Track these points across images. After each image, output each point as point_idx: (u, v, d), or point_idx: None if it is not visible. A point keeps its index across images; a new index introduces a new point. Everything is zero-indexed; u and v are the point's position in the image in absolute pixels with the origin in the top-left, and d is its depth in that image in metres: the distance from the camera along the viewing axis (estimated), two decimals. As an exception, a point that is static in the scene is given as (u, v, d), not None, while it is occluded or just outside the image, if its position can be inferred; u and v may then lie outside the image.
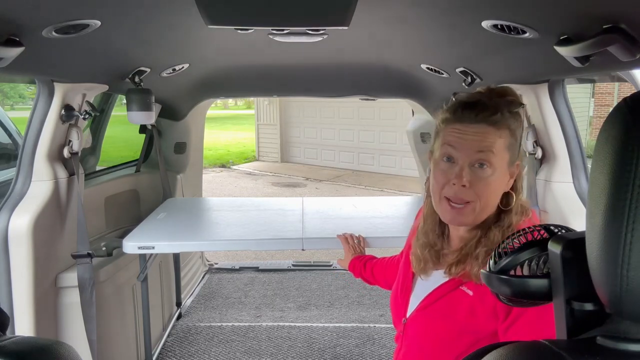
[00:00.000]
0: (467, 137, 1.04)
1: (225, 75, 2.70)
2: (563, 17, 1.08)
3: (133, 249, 2.17)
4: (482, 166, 1.04)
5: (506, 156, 1.06)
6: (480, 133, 1.04)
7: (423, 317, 1.17)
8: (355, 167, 11.80)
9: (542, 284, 0.61)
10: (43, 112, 1.95)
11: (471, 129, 1.04)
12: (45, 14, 1.16)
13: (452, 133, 1.06)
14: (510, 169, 1.08)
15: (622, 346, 0.51)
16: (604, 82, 10.12)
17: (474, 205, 1.05)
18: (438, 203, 1.10)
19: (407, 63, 2.30)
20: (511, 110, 1.06)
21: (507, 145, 1.05)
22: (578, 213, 1.93)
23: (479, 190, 1.04)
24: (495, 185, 1.06)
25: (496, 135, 1.04)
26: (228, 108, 38.14)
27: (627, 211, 0.46)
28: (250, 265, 4.49)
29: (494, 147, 1.03)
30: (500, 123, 1.04)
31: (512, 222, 1.07)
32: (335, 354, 2.99)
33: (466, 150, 1.04)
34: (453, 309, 1.09)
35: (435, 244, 1.19)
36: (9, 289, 1.91)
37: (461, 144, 1.05)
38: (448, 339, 1.10)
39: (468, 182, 1.03)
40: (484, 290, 1.03)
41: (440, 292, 1.13)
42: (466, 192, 1.04)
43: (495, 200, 1.08)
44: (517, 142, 1.09)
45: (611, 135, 0.49)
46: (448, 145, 1.07)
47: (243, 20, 1.22)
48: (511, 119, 1.06)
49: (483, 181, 1.04)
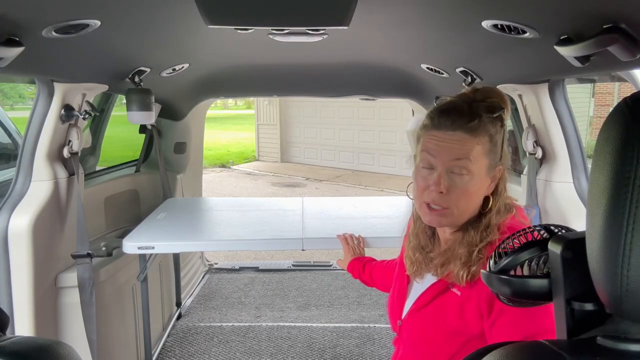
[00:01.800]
0: (444, 145, 1.05)
1: (225, 75, 2.70)
2: (563, 17, 1.08)
3: (133, 249, 2.17)
4: (459, 173, 1.05)
5: (485, 162, 1.06)
6: (456, 140, 1.04)
7: (416, 319, 1.18)
8: (355, 167, 11.80)
9: (542, 284, 0.61)
10: (43, 112, 1.95)
11: (448, 137, 1.05)
12: (45, 14, 1.15)
13: (430, 140, 1.07)
14: (491, 174, 1.08)
15: (623, 346, 0.51)
16: (604, 82, 10.12)
17: (452, 210, 1.07)
18: (419, 207, 1.12)
19: (407, 63, 2.30)
20: (490, 115, 1.06)
21: (485, 152, 1.06)
22: (578, 213, 1.93)
23: (456, 197, 1.05)
24: (474, 191, 1.06)
25: (473, 142, 1.04)
26: (228, 108, 38.14)
27: (628, 211, 0.46)
28: (250, 266, 4.49)
29: (471, 154, 1.04)
30: (478, 130, 1.04)
31: (491, 222, 1.07)
32: (335, 354, 2.99)
33: (443, 158, 1.05)
34: (443, 310, 1.10)
35: (427, 245, 1.20)
36: (9, 289, 1.91)
37: (438, 152, 1.06)
38: (440, 340, 1.11)
39: (445, 189, 1.05)
40: (469, 291, 1.05)
41: (430, 294, 1.14)
42: (444, 198, 1.06)
43: (475, 205, 1.08)
44: (498, 146, 1.08)
45: (611, 135, 0.48)
46: (426, 153, 1.08)
47: (243, 20, 1.22)
48: (490, 124, 1.06)
49: (460, 188, 1.05)
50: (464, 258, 1.06)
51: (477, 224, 1.09)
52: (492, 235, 1.06)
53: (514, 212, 1.11)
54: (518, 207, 1.14)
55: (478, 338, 1.06)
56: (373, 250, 2.05)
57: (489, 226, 1.07)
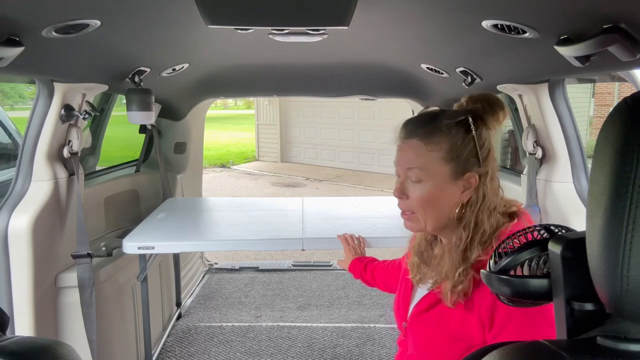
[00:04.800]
0: (401, 153, 1.11)
1: (225, 75, 2.70)
2: (563, 17, 1.08)
3: (133, 249, 2.17)
4: (413, 180, 1.08)
5: (444, 169, 1.05)
6: (409, 148, 1.09)
7: (419, 322, 1.18)
8: (355, 167, 11.80)
9: (542, 284, 0.61)
10: (43, 112, 1.95)
11: (404, 145, 1.10)
12: (45, 14, 1.15)
13: (397, 149, 1.13)
14: (458, 182, 1.06)
15: (623, 346, 0.51)
16: (604, 82, 10.12)
17: (417, 215, 1.10)
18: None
19: (407, 63, 2.30)
20: (449, 121, 1.04)
21: (442, 158, 1.05)
22: (578, 213, 1.93)
23: (415, 202, 1.09)
24: (434, 198, 1.06)
25: (425, 149, 1.06)
26: (228, 108, 38.14)
27: (628, 211, 0.46)
28: (250, 266, 4.49)
29: (423, 161, 1.06)
30: (430, 137, 1.05)
31: (462, 236, 1.05)
32: (335, 354, 2.99)
33: (401, 166, 1.11)
34: (445, 316, 1.10)
35: (427, 250, 1.22)
36: (9, 289, 1.91)
37: (398, 160, 1.12)
38: (443, 345, 1.11)
39: (405, 195, 1.10)
40: (472, 299, 1.04)
41: (431, 298, 1.14)
42: (406, 203, 1.11)
43: (444, 212, 1.08)
44: (463, 153, 1.05)
45: (611, 135, 0.48)
46: (395, 161, 1.14)
47: (243, 20, 1.22)
48: (447, 131, 1.04)
49: (417, 194, 1.08)
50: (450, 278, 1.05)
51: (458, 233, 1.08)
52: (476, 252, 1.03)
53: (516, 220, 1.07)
54: (525, 213, 1.10)
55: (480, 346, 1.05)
56: (374, 250, 2.05)
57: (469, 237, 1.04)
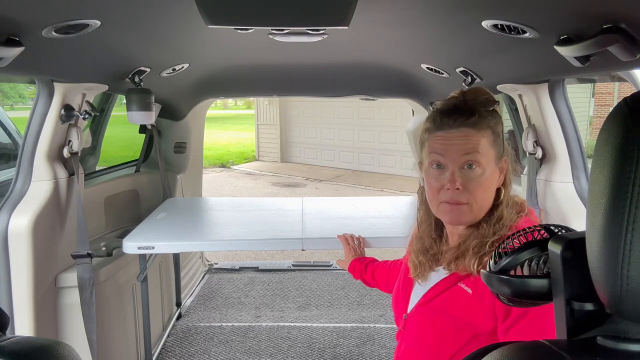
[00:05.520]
0: (452, 142, 1.09)
1: (225, 75, 2.70)
2: (563, 17, 1.08)
3: (133, 249, 2.17)
4: (471, 167, 1.08)
5: (492, 153, 1.10)
6: (462, 136, 1.08)
7: (423, 313, 1.19)
8: (355, 167, 11.81)
9: (542, 284, 0.61)
10: (43, 112, 1.95)
11: (453, 134, 1.09)
12: (45, 14, 1.15)
13: (437, 141, 1.11)
14: (499, 165, 1.13)
15: (623, 346, 0.51)
16: (604, 82, 10.12)
17: (471, 205, 1.09)
18: (437, 208, 1.14)
19: (407, 63, 2.30)
20: (487, 109, 1.11)
21: (490, 143, 1.10)
22: (578, 213, 1.93)
23: (472, 191, 1.08)
24: (487, 183, 1.10)
25: (478, 135, 1.08)
26: (228, 108, 38.14)
27: (628, 211, 0.46)
28: (250, 266, 4.49)
29: (479, 147, 1.08)
30: (480, 123, 1.09)
31: (503, 215, 1.10)
32: (335, 354, 2.99)
33: (453, 155, 1.09)
34: (451, 305, 1.12)
35: (432, 247, 1.22)
36: (9, 289, 1.91)
37: (447, 150, 1.10)
38: (447, 334, 1.12)
39: (461, 185, 1.08)
40: (483, 290, 1.05)
41: (439, 288, 1.16)
42: (461, 194, 1.08)
43: (490, 197, 1.12)
44: (500, 138, 1.13)
45: (611, 135, 0.48)
46: (435, 154, 1.11)
47: (243, 20, 1.22)
48: (489, 117, 1.11)
49: (475, 181, 1.08)
50: (477, 249, 1.08)
51: (489, 217, 1.11)
52: (504, 230, 1.08)
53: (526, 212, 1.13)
54: (530, 209, 1.15)
55: (486, 335, 1.07)
56: (373, 250, 2.05)
57: (502, 219, 1.10)
